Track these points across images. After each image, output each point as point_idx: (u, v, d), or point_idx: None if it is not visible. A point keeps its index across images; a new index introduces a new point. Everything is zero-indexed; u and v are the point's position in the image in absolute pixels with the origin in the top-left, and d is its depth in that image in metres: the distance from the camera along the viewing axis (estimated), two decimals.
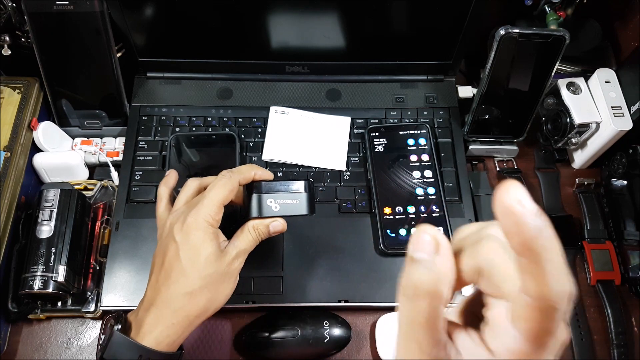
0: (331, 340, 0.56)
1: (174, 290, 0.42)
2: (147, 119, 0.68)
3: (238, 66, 0.69)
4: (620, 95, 0.64)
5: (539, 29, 0.57)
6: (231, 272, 0.44)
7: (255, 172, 0.47)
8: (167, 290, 0.42)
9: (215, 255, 0.43)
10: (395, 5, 0.62)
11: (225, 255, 0.44)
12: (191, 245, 0.43)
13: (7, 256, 0.57)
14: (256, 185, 0.47)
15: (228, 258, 0.44)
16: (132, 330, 0.42)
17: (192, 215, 0.43)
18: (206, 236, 0.43)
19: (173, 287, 0.42)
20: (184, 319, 0.42)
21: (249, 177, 0.47)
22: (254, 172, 0.47)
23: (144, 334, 0.42)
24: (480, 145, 0.69)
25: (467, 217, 0.62)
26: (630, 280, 0.62)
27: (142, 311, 0.43)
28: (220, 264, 0.43)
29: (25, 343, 0.58)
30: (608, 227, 0.65)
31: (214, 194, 0.44)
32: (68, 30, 0.60)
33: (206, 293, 0.43)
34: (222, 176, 0.46)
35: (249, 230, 0.46)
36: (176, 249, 0.43)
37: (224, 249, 0.44)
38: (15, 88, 0.64)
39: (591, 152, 0.67)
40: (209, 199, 0.44)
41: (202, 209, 0.43)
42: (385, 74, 0.71)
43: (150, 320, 0.42)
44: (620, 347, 0.59)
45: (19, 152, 0.61)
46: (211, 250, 0.43)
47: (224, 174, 0.46)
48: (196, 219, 0.43)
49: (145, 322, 0.42)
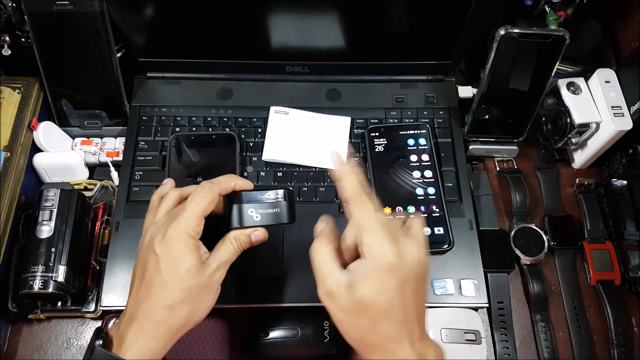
0: (331, 341, 0.56)
1: (154, 304, 0.42)
2: (147, 119, 0.68)
3: (238, 66, 0.69)
4: (620, 95, 0.64)
5: (539, 29, 0.57)
6: (212, 284, 0.44)
7: (235, 182, 0.47)
8: (147, 303, 0.42)
9: (196, 268, 0.42)
10: (395, 5, 0.62)
11: (206, 267, 0.43)
12: (171, 257, 0.42)
13: (7, 256, 0.57)
14: (236, 195, 0.47)
15: (209, 270, 0.43)
16: (114, 344, 0.42)
17: (172, 228, 0.43)
18: (187, 248, 0.42)
19: (154, 300, 0.42)
20: (165, 333, 0.42)
21: (229, 188, 0.47)
22: (233, 183, 0.47)
23: (125, 348, 0.41)
24: (480, 145, 0.69)
25: (467, 217, 0.62)
26: (631, 280, 0.62)
27: (124, 325, 0.43)
28: (201, 276, 0.43)
29: (25, 343, 0.58)
30: (608, 227, 0.65)
31: (194, 206, 0.44)
32: (68, 30, 0.60)
33: (187, 306, 0.43)
34: (202, 187, 0.45)
35: (230, 241, 0.45)
36: (156, 261, 0.42)
37: (205, 261, 0.44)
38: (15, 88, 0.64)
39: (591, 152, 0.67)
40: (189, 210, 0.43)
41: (182, 220, 0.43)
42: (385, 74, 0.71)
43: (132, 334, 0.42)
44: (621, 347, 0.59)
45: (19, 152, 0.61)
46: (192, 263, 0.42)
47: (204, 184, 0.45)
48: (176, 231, 0.43)
49: (127, 335, 0.42)
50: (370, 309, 0.38)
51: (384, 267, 0.38)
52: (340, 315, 0.40)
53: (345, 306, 0.39)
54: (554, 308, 0.62)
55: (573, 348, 0.60)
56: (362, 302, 0.38)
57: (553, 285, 0.63)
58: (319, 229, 0.44)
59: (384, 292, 0.38)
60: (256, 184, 0.64)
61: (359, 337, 0.40)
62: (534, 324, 0.61)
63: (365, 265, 0.39)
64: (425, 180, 0.62)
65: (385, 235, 0.39)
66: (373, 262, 0.38)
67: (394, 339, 0.39)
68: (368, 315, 0.38)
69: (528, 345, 0.60)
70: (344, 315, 0.39)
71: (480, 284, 0.58)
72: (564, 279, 0.63)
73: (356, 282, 0.38)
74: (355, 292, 0.38)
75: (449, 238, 0.59)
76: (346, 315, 0.39)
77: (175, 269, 0.42)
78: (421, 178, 0.63)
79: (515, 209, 0.66)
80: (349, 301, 0.38)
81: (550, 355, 0.59)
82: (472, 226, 0.62)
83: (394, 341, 0.39)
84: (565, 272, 0.63)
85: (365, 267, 0.39)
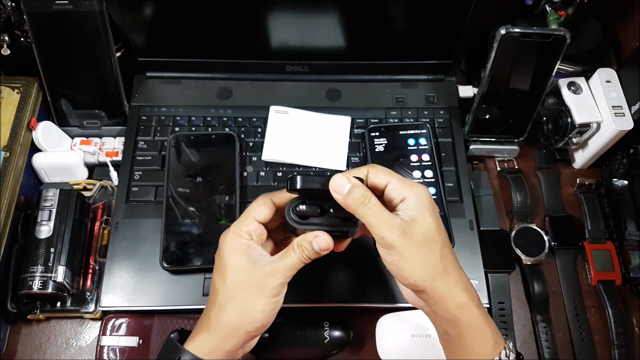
0: (331, 341, 0.55)
1: (210, 301, 0.44)
2: (147, 119, 0.67)
3: (238, 66, 0.69)
4: (621, 95, 0.64)
5: (539, 29, 0.57)
6: (264, 286, 0.42)
7: None
8: (207, 310, 0.44)
9: (242, 267, 0.42)
10: (395, 5, 0.61)
11: (258, 268, 0.43)
12: (221, 258, 0.44)
13: (6, 256, 0.57)
14: None
15: (261, 272, 0.42)
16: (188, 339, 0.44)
17: (224, 232, 0.45)
18: (234, 247, 0.43)
19: (210, 298, 0.44)
20: (218, 330, 0.42)
21: (283, 198, 0.46)
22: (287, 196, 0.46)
23: (189, 340, 0.43)
24: (480, 145, 0.68)
25: (468, 217, 0.62)
26: (631, 281, 0.62)
27: (197, 331, 0.44)
28: (249, 276, 0.42)
29: (24, 343, 0.58)
30: (609, 227, 0.65)
31: (248, 208, 0.45)
32: (67, 30, 0.60)
33: (235, 305, 0.42)
34: (262, 196, 0.46)
35: (293, 248, 0.43)
36: (216, 266, 0.44)
37: (258, 262, 0.43)
38: (14, 88, 0.64)
39: (592, 152, 0.67)
40: (243, 213, 0.45)
41: (235, 223, 0.45)
42: (385, 73, 0.71)
43: (196, 328, 0.44)
44: (621, 347, 0.59)
45: (18, 152, 0.61)
46: (237, 261, 0.43)
47: (263, 195, 0.46)
48: (227, 233, 0.44)
49: (195, 330, 0.44)
50: (437, 235, 0.40)
51: (427, 198, 0.41)
52: (413, 251, 0.39)
53: (418, 239, 0.40)
54: (555, 308, 0.62)
55: (574, 348, 0.60)
56: (430, 230, 0.40)
57: (554, 285, 0.63)
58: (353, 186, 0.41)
59: (438, 220, 0.41)
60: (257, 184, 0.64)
61: (431, 266, 0.40)
62: (535, 324, 0.60)
63: (412, 202, 0.41)
64: (425, 180, 0.62)
65: (405, 179, 0.43)
66: (417, 197, 0.41)
67: (454, 263, 0.41)
68: (437, 241, 0.40)
69: (529, 346, 0.60)
70: (418, 249, 0.40)
71: (480, 284, 0.58)
72: (565, 279, 0.63)
73: (416, 217, 0.40)
74: (422, 224, 0.40)
75: (450, 238, 0.59)
76: (420, 248, 0.40)
77: (223, 267, 0.43)
78: (421, 178, 0.62)
79: (516, 209, 0.66)
80: (420, 232, 0.40)
81: (551, 356, 0.59)
82: (473, 226, 0.62)
83: (454, 267, 0.41)
84: (566, 272, 0.63)
85: (414, 204, 0.41)
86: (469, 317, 0.40)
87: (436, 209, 0.42)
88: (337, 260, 0.59)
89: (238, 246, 0.43)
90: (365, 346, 0.59)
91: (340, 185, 0.40)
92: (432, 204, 0.42)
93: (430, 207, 0.41)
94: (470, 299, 0.40)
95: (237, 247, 0.43)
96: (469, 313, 0.40)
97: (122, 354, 0.55)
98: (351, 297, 0.57)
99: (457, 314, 0.40)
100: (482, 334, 0.40)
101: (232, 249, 0.43)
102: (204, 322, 0.44)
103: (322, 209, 0.43)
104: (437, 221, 0.41)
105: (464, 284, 0.41)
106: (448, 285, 0.40)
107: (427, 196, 0.42)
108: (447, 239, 0.42)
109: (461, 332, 0.40)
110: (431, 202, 0.42)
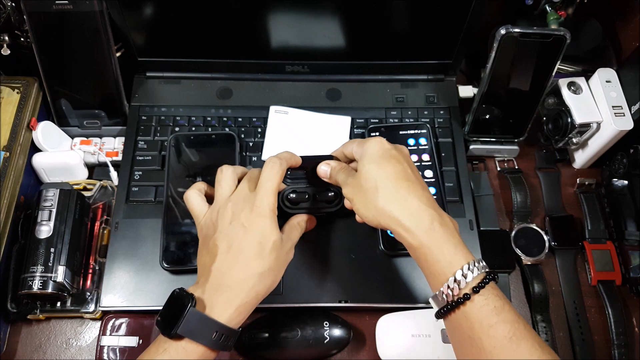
0: (331, 341, 0.56)
1: (246, 272, 0.45)
2: (147, 119, 0.67)
3: (238, 66, 0.69)
4: (621, 95, 0.64)
5: (539, 29, 0.57)
6: (287, 259, 0.49)
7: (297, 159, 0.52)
8: (239, 271, 0.45)
9: (279, 242, 0.46)
10: (395, 5, 0.61)
11: (284, 244, 0.48)
12: (261, 230, 0.46)
13: (6, 256, 0.57)
14: None
15: (286, 247, 0.48)
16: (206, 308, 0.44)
17: (258, 204, 0.46)
18: (272, 223, 0.46)
19: (245, 268, 0.45)
20: (254, 299, 0.45)
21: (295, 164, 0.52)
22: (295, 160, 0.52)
23: (218, 312, 0.43)
24: (480, 145, 0.68)
25: (468, 217, 0.62)
26: (631, 281, 0.62)
27: (211, 291, 0.44)
28: (282, 250, 0.47)
29: (24, 343, 0.58)
30: (609, 227, 0.65)
31: (271, 184, 0.47)
32: (67, 30, 0.60)
33: (272, 274, 0.46)
34: (273, 164, 0.48)
35: (296, 226, 0.51)
36: (244, 233, 0.45)
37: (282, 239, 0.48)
38: (14, 88, 0.64)
39: (592, 152, 0.67)
40: (268, 188, 0.47)
41: (265, 197, 0.46)
42: (385, 73, 0.71)
43: (224, 300, 0.44)
44: (621, 347, 0.59)
45: (18, 152, 0.61)
46: (276, 237, 0.46)
47: (273, 160, 0.48)
48: (263, 207, 0.46)
49: (218, 301, 0.44)
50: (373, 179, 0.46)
51: (371, 150, 0.48)
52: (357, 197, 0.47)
53: (358, 186, 0.47)
54: (555, 308, 0.62)
55: (574, 348, 0.60)
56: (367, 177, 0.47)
57: (554, 285, 0.63)
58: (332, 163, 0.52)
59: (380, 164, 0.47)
60: None
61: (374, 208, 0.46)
62: (535, 324, 0.60)
63: (361, 157, 0.49)
64: (425, 181, 0.62)
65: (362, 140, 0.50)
66: (363, 152, 0.48)
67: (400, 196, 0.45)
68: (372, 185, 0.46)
69: None
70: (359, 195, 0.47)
71: None
72: (565, 279, 0.63)
73: (359, 169, 0.48)
74: (361, 172, 0.47)
75: None
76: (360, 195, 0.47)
77: (265, 241, 0.45)
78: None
79: (516, 209, 0.66)
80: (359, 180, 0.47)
81: None
82: (473, 226, 0.62)
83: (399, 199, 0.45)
84: (566, 272, 0.63)
85: (360, 158, 0.49)
86: (416, 241, 0.44)
87: (385, 155, 0.47)
88: (338, 260, 0.59)
89: (275, 222, 0.47)
90: (365, 346, 0.59)
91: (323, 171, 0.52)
92: (377, 152, 0.47)
93: (373, 157, 0.47)
94: (416, 225, 0.44)
95: (274, 224, 0.46)
96: (413, 238, 0.44)
97: (122, 354, 0.55)
98: (351, 297, 0.57)
99: (408, 240, 0.44)
100: (438, 253, 0.43)
101: (272, 225, 0.46)
102: (234, 289, 0.44)
103: (309, 195, 0.53)
104: (378, 165, 0.47)
105: (409, 211, 0.44)
106: (393, 219, 0.45)
107: (372, 148, 0.48)
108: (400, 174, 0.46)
109: (416, 254, 0.45)
110: (377, 151, 0.48)
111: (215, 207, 0.48)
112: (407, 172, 0.47)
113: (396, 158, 0.47)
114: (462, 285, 0.41)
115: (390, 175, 0.46)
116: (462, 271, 0.42)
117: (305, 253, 0.59)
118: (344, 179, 0.49)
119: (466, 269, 0.42)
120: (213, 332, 0.43)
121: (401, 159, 0.48)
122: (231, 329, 0.44)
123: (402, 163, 0.47)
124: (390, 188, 0.45)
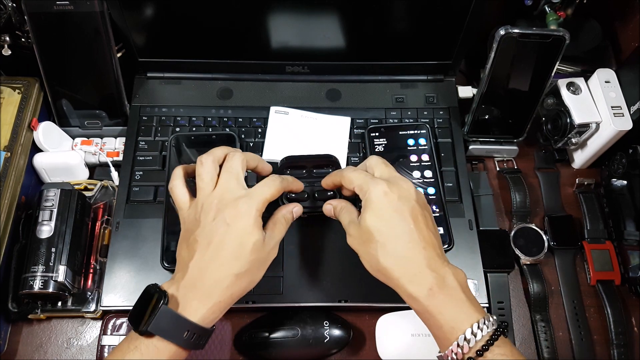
0: (331, 341, 0.56)
1: (224, 271, 0.44)
2: (147, 119, 0.68)
3: (238, 66, 0.69)
4: (620, 95, 0.64)
5: (539, 29, 0.57)
6: (268, 259, 0.48)
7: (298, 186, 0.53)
8: (216, 270, 0.44)
9: (260, 243, 0.46)
10: (395, 5, 0.62)
11: (266, 244, 0.47)
12: (243, 230, 0.45)
13: (7, 256, 0.57)
14: None
15: (267, 247, 0.47)
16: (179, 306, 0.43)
17: (245, 204, 0.45)
18: (256, 224, 0.45)
19: (222, 268, 0.44)
20: (228, 299, 0.45)
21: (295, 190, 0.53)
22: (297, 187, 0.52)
23: (191, 310, 0.43)
24: (480, 145, 0.69)
25: (467, 217, 0.62)
26: (630, 280, 0.62)
27: (185, 288, 0.44)
28: (262, 251, 0.46)
29: (25, 343, 0.58)
30: (608, 227, 0.65)
31: (267, 190, 0.47)
32: (68, 30, 0.60)
33: (249, 276, 0.46)
34: (276, 179, 0.49)
35: (280, 221, 0.50)
36: (226, 232, 0.45)
37: (265, 239, 0.47)
38: (15, 88, 0.64)
39: (591, 152, 0.67)
40: (262, 193, 0.47)
41: (255, 198, 0.46)
42: (385, 74, 0.71)
43: (198, 298, 0.43)
44: (620, 347, 0.59)
45: (19, 152, 0.61)
46: (258, 238, 0.45)
47: (279, 177, 0.49)
48: (249, 207, 0.45)
49: (192, 299, 0.43)
50: (375, 234, 0.45)
51: (374, 197, 0.45)
52: (360, 250, 0.47)
53: (359, 239, 0.46)
54: (554, 308, 0.62)
55: (573, 348, 0.60)
56: (366, 231, 0.45)
57: (553, 285, 0.63)
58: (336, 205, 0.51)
59: (380, 216, 0.45)
60: None
61: (375, 263, 0.45)
62: (534, 324, 0.61)
63: (364, 205, 0.46)
64: (425, 181, 0.62)
65: (372, 178, 0.48)
66: (365, 200, 0.46)
67: (399, 259, 0.44)
68: (374, 240, 0.45)
69: (528, 345, 0.60)
70: (361, 248, 0.46)
71: (480, 284, 0.58)
72: (564, 279, 0.63)
73: (360, 220, 0.46)
74: (361, 226, 0.46)
75: (449, 238, 0.59)
76: (362, 247, 0.46)
77: (246, 241, 0.45)
78: (421, 178, 0.63)
79: (515, 209, 0.66)
80: (360, 233, 0.46)
81: (550, 355, 0.59)
82: (472, 226, 0.62)
83: (399, 262, 0.44)
84: (565, 272, 0.64)
85: (364, 206, 0.46)
86: (419, 306, 0.43)
87: (389, 209, 0.45)
88: (338, 260, 0.59)
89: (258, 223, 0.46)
90: (365, 346, 0.59)
91: (328, 210, 0.52)
92: (381, 204, 0.45)
93: (376, 210, 0.45)
94: (416, 291, 0.43)
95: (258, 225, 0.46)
96: (415, 304, 0.43)
97: None
98: (351, 297, 0.57)
99: (410, 304, 0.44)
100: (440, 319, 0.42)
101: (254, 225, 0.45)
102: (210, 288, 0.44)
103: (308, 195, 0.54)
104: (381, 220, 0.45)
105: (409, 276, 0.43)
106: (393, 282, 0.44)
107: (377, 198, 0.46)
108: (402, 231, 0.44)
109: (420, 317, 0.44)
110: (382, 203, 0.45)
111: (199, 201, 0.47)
112: (410, 229, 0.44)
113: (400, 213, 0.45)
114: (465, 350, 0.40)
115: (391, 233, 0.44)
116: (464, 335, 0.40)
117: (306, 253, 0.59)
118: (347, 223, 0.48)
119: (469, 333, 0.40)
120: (185, 331, 0.42)
121: (406, 214, 0.45)
122: (204, 328, 0.43)
123: (407, 219, 0.45)
124: (391, 247, 0.44)
